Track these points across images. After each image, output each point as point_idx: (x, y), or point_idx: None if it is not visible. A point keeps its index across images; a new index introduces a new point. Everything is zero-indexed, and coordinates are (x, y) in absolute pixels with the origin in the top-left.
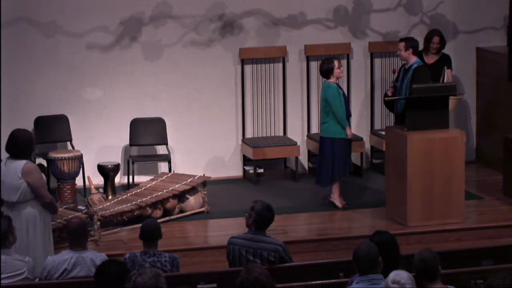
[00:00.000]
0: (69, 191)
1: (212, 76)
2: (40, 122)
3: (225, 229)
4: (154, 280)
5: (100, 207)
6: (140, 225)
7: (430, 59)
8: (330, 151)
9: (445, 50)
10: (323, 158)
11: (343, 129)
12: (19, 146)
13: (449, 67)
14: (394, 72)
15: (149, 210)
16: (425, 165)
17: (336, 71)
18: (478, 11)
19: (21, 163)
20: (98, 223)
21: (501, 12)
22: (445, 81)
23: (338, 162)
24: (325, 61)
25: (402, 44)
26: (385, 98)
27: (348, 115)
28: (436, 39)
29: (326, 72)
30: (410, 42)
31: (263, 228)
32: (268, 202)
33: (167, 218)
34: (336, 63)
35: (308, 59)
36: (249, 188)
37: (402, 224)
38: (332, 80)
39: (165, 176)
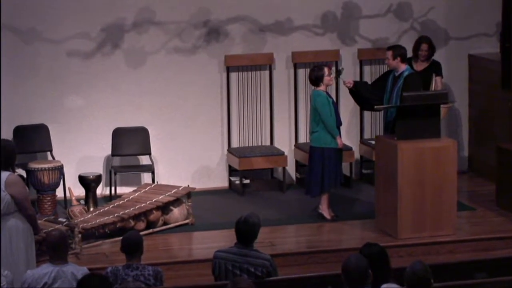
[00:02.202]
0: (49, 203)
1: (196, 84)
2: (20, 131)
3: (210, 242)
4: None
5: (81, 219)
6: None
7: (419, 66)
8: (320, 161)
9: (436, 57)
10: (313, 168)
11: (333, 139)
12: (3, 156)
13: (439, 74)
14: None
15: (132, 222)
16: (416, 175)
17: (326, 78)
18: (470, 17)
19: (5, 174)
20: (79, 235)
21: (494, 18)
22: (433, 89)
23: (328, 172)
24: (315, 68)
25: (389, 53)
26: (376, 107)
27: (338, 124)
28: (424, 46)
29: (315, 79)
30: (397, 50)
31: (246, 241)
32: (253, 215)
33: (151, 230)
34: (326, 70)
35: (296, 67)
36: (235, 199)
37: (393, 236)
38: (322, 88)
39: (148, 187)
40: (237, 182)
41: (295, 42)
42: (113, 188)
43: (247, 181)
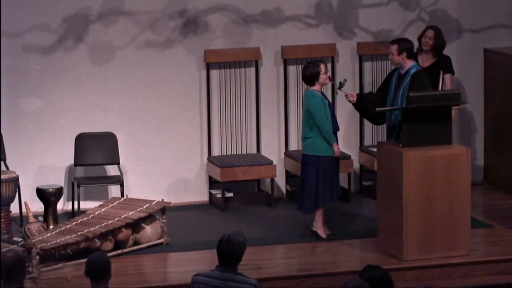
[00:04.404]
0: (3, 220)
1: (172, 83)
2: None
3: (188, 264)
4: None
5: (40, 238)
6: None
7: (426, 61)
8: (314, 172)
9: (448, 51)
10: (306, 180)
11: (329, 146)
12: None
13: (448, 71)
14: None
15: (98, 242)
16: (424, 187)
17: (322, 76)
18: (485, 7)
19: None
20: (37, 257)
21: None
22: (440, 88)
23: (323, 185)
24: (310, 64)
25: (394, 47)
26: (377, 109)
27: (335, 129)
28: (430, 32)
29: (310, 77)
30: (403, 45)
31: (230, 264)
32: (237, 233)
33: (119, 251)
34: (322, 67)
35: (286, 63)
36: (216, 215)
37: (397, 257)
38: (316, 87)
39: (116, 202)
40: (219, 195)
41: (285, 35)
42: (76, 203)
43: (230, 194)
